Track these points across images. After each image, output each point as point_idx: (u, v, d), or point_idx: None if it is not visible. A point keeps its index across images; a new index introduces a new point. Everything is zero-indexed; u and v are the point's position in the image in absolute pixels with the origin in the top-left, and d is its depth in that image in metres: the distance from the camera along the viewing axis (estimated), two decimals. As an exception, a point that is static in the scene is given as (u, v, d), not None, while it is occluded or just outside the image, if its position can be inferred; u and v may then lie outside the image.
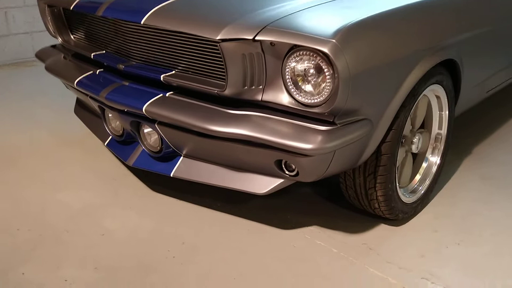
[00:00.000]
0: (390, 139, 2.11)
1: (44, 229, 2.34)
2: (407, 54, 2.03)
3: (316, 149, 1.79)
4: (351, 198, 2.35)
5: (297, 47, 1.80)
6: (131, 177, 2.78)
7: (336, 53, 1.71)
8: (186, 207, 2.53)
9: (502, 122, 3.61)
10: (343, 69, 1.73)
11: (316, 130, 1.83)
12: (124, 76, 2.31)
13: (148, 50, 2.18)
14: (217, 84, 1.99)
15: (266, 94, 1.94)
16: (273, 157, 1.97)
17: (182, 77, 2.07)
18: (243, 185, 2.15)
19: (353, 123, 1.90)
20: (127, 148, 2.49)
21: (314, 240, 2.29)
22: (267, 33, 1.82)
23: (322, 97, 1.82)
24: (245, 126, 1.91)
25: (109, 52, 2.42)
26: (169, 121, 2.07)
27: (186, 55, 2.05)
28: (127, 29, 2.20)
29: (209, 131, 1.96)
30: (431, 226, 2.41)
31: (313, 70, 1.82)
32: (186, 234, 2.32)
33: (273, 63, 1.88)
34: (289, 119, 1.89)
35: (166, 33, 2.06)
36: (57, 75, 2.61)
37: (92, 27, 2.49)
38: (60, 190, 2.66)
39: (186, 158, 2.30)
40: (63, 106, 3.83)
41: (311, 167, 1.94)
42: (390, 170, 2.17)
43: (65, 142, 3.23)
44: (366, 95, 1.90)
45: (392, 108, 2.04)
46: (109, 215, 2.45)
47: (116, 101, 2.18)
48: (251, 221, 2.43)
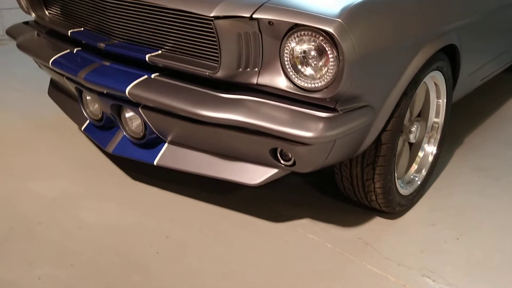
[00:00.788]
0: (390, 128, 1.98)
1: (15, 221, 2.15)
2: (412, 38, 1.90)
3: (317, 137, 1.65)
4: (346, 189, 2.23)
5: (298, 26, 1.65)
6: (110, 165, 2.60)
7: (342, 33, 1.57)
8: (169, 198, 2.37)
9: (489, 112, 3.54)
10: (349, 51, 1.59)
11: (316, 117, 1.69)
12: (104, 56, 2.13)
13: (132, 28, 2.00)
14: (208, 65, 1.83)
15: (262, 77, 1.78)
16: (268, 145, 1.82)
17: (169, 58, 1.90)
18: (234, 175, 2.00)
19: (355, 110, 1.76)
20: (106, 133, 2.31)
21: (307, 234, 2.16)
22: (266, 10, 1.67)
23: (324, 81, 1.67)
24: (238, 111, 1.76)
25: (88, 30, 2.22)
26: (154, 105, 1.90)
27: (175, 34, 1.88)
28: (108, 4, 2.01)
29: (199, 116, 1.80)
30: (428, 220, 2.31)
31: (314, 52, 1.67)
32: (170, 228, 2.16)
33: (271, 44, 1.73)
34: (287, 105, 1.75)
35: (153, 9, 1.89)
36: (30, 53, 2.40)
37: (69, 2, 2.29)
38: (32, 179, 2.47)
39: (171, 145, 2.14)
40: (34, 87, 3.60)
41: (309, 156, 1.80)
42: (390, 161, 2.04)
43: (37, 126, 3.02)
44: (369, 81, 1.77)
45: (394, 95, 1.92)
46: (86, 206, 2.28)
47: (96, 83, 2.00)
48: (239, 213, 2.29)
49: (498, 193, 2.53)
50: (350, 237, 2.16)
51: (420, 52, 1.95)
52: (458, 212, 2.37)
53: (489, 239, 2.19)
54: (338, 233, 2.18)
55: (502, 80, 3.95)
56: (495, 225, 2.28)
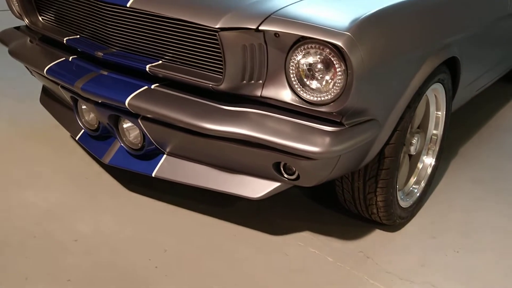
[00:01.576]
0: (394, 141, 1.96)
1: (8, 233, 2.09)
2: (417, 50, 1.88)
3: (324, 152, 1.62)
4: (347, 202, 2.20)
5: (304, 39, 1.62)
6: (104, 174, 2.54)
7: (351, 47, 1.54)
8: (166, 209, 2.32)
9: (483, 121, 3.54)
10: (358, 65, 1.56)
11: (323, 131, 1.66)
12: (101, 65, 2.08)
13: (132, 37, 1.95)
14: (212, 77, 1.78)
15: (266, 90, 1.75)
16: (271, 159, 1.79)
17: (171, 68, 1.86)
18: (235, 189, 1.96)
19: (361, 124, 1.73)
20: (102, 144, 2.26)
21: (308, 248, 2.13)
22: (272, 22, 1.64)
23: (331, 95, 1.65)
24: (242, 125, 1.72)
25: (84, 37, 2.17)
26: (155, 117, 1.85)
27: (177, 44, 1.84)
28: (107, 12, 1.96)
29: (202, 129, 1.75)
30: (428, 232, 2.29)
31: (321, 65, 1.64)
32: (167, 241, 2.11)
33: (276, 56, 1.69)
34: (292, 118, 1.71)
35: (154, 18, 1.84)
36: (24, 60, 2.34)
37: (64, 8, 2.23)
38: (24, 189, 2.40)
39: (170, 157, 2.10)
40: (23, 92, 3.52)
41: (314, 171, 1.77)
42: (392, 174, 2.02)
43: (27, 134, 2.94)
44: (376, 94, 1.74)
45: (399, 108, 1.90)
46: (81, 218, 2.22)
47: (94, 93, 1.95)
48: (238, 225, 2.25)
49: (496, 205, 2.52)
50: (351, 251, 2.13)
51: (424, 64, 1.94)
52: (457, 225, 2.35)
53: (489, 252, 2.18)
54: (339, 247, 2.15)
55: (493, 89, 3.96)
56: (495, 239, 2.27)
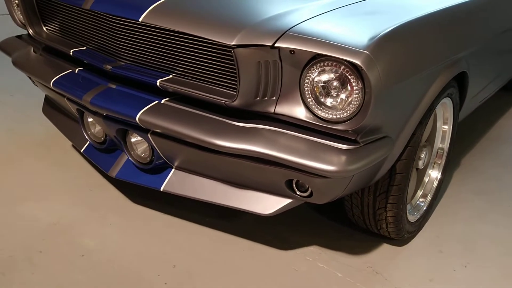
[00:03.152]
0: (405, 157, 1.95)
1: (14, 249, 2.05)
2: (431, 67, 1.87)
3: (340, 171, 1.60)
4: (355, 216, 2.19)
5: (320, 56, 1.61)
6: (107, 186, 2.51)
7: (369, 65, 1.53)
8: (171, 222, 2.30)
9: (483, 131, 3.55)
10: (376, 84, 1.55)
11: (338, 150, 1.65)
12: (109, 78, 2.05)
13: (142, 50, 1.93)
14: (225, 93, 1.76)
15: (280, 106, 1.73)
16: (284, 176, 1.77)
17: (182, 83, 1.83)
18: (245, 204, 1.94)
19: (376, 141, 1.72)
20: (108, 157, 2.23)
21: (316, 263, 2.12)
22: (288, 39, 1.62)
23: (347, 113, 1.63)
24: (255, 142, 1.70)
25: (91, 49, 2.14)
26: (166, 132, 1.83)
27: (190, 59, 1.81)
28: (117, 25, 1.94)
29: (214, 146, 1.73)
30: (435, 246, 2.28)
31: (337, 83, 1.63)
32: (175, 256, 2.09)
33: (291, 73, 1.68)
34: (306, 135, 1.70)
35: (166, 32, 1.82)
36: (28, 72, 2.30)
37: (69, 19, 2.20)
38: (27, 202, 2.36)
39: (178, 171, 2.07)
40: (21, 99, 3.47)
41: (328, 188, 1.75)
42: (403, 190, 2.01)
43: (27, 143, 2.90)
44: (391, 111, 1.73)
45: (412, 124, 1.89)
46: (87, 232, 2.19)
47: (104, 107, 1.92)
48: (245, 239, 2.23)
49: (501, 217, 2.52)
50: (359, 265, 2.12)
51: (437, 80, 1.93)
52: (463, 238, 2.35)
53: (496, 266, 2.18)
54: (347, 261, 2.14)
55: (492, 98, 3.97)
56: (501, 252, 2.27)
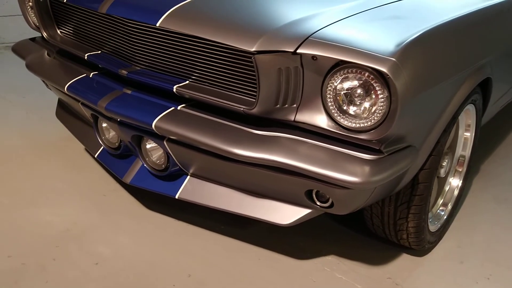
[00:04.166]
0: (429, 166, 1.89)
1: (27, 256, 2.01)
2: (457, 73, 1.82)
3: (364, 183, 1.55)
4: (375, 226, 2.13)
5: (344, 63, 1.55)
6: (122, 192, 2.47)
7: (396, 73, 1.47)
8: (185, 229, 2.25)
9: (502, 136, 3.47)
10: (403, 92, 1.49)
11: (361, 160, 1.59)
12: (124, 83, 2.00)
13: (158, 55, 1.88)
14: (244, 100, 1.71)
15: (301, 114, 1.68)
16: (304, 186, 1.72)
17: (199, 90, 1.79)
18: (262, 214, 1.89)
19: (400, 151, 1.66)
20: (123, 162, 2.18)
21: (335, 274, 2.06)
22: (310, 45, 1.57)
23: (371, 121, 1.58)
24: (275, 151, 1.65)
25: (106, 53, 2.10)
26: (183, 140, 1.78)
27: (207, 65, 1.76)
28: (133, 30, 1.89)
29: (232, 154, 1.68)
30: (456, 257, 2.22)
31: (361, 90, 1.57)
32: (190, 264, 2.04)
33: (312, 80, 1.62)
34: (328, 144, 1.64)
35: (184, 37, 1.77)
36: (42, 76, 2.26)
37: (84, 22, 2.16)
38: (39, 207, 2.33)
39: (194, 178, 2.02)
40: (33, 101, 3.44)
41: (349, 199, 1.70)
42: (426, 200, 1.95)
43: (41, 148, 2.86)
44: (416, 120, 1.68)
45: (436, 132, 1.83)
46: (100, 239, 2.15)
47: (119, 113, 1.87)
48: (261, 248, 2.18)
49: (523, 227, 2.46)
50: (379, 277, 2.06)
51: (462, 87, 1.87)
52: (484, 247, 2.28)
53: (521, 279, 2.12)
54: (366, 272, 2.08)
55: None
56: (525, 264, 2.21)
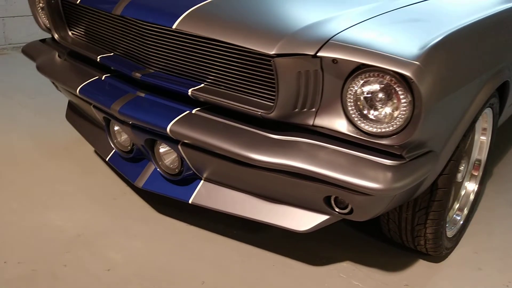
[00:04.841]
0: (448, 172, 1.86)
1: (37, 262, 1.98)
2: (478, 77, 1.78)
3: (386, 189, 1.51)
4: (391, 232, 2.09)
5: (365, 66, 1.52)
6: (133, 196, 2.43)
7: (421, 77, 1.44)
8: (198, 235, 2.22)
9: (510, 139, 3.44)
10: (427, 97, 1.46)
11: (383, 166, 1.55)
12: (138, 85, 1.97)
13: (172, 58, 1.85)
14: (261, 104, 1.68)
15: (320, 119, 1.65)
16: (323, 192, 1.68)
17: (215, 94, 1.75)
18: (278, 220, 1.85)
19: (421, 157, 1.63)
20: (135, 166, 2.15)
21: (351, 280, 2.02)
22: (331, 48, 1.53)
23: (393, 126, 1.54)
24: (294, 156, 1.61)
25: (119, 56, 2.06)
26: (199, 145, 1.75)
27: (224, 68, 1.73)
28: (147, 32, 1.85)
29: (250, 160, 1.65)
30: (474, 263, 2.18)
31: (383, 94, 1.54)
32: (203, 270, 2.01)
33: (332, 83, 1.59)
34: (347, 149, 1.61)
35: (200, 40, 1.73)
36: (53, 78, 2.23)
37: (96, 24, 2.13)
38: (50, 212, 2.29)
39: (207, 182, 1.99)
40: (41, 102, 3.41)
41: (370, 206, 1.66)
42: (445, 206, 1.92)
43: (50, 150, 2.83)
44: (437, 125, 1.64)
45: (456, 136, 1.80)
46: (112, 244, 2.11)
47: (133, 117, 1.84)
48: (274, 254, 2.14)
49: (541, 233, 2.42)
50: (396, 284, 2.02)
51: (481, 91, 1.84)
52: (502, 254, 2.25)
53: (541, 286, 2.08)
54: (383, 279, 2.04)
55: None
56: (543, 270, 2.17)
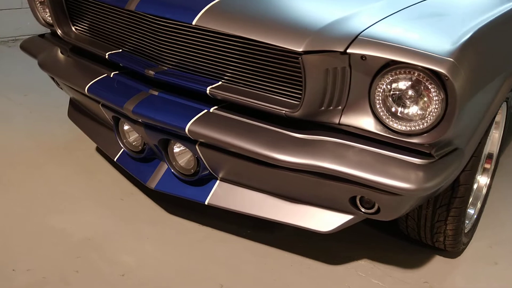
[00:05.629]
0: (470, 168, 1.83)
1: (47, 268, 1.90)
2: (502, 72, 1.75)
3: (418, 189, 1.47)
4: (409, 228, 2.06)
5: (394, 63, 1.47)
6: (140, 195, 2.36)
7: (456, 74, 1.40)
8: (210, 234, 2.16)
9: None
10: (462, 94, 1.42)
11: (413, 165, 1.52)
12: (149, 83, 1.90)
13: (189, 55, 1.78)
14: (286, 103, 1.62)
15: (346, 117, 1.60)
16: (349, 192, 1.64)
17: (235, 92, 1.69)
18: (300, 221, 1.81)
19: (449, 154, 1.60)
20: (146, 166, 2.08)
21: (370, 279, 1.99)
22: (360, 44, 1.48)
23: (424, 125, 1.50)
24: (322, 157, 1.57)
25: (128, 52, 1.99)
26: (220, 145, 1.69)
27: (245, 66, 1.67)
28: (162, 28, 1.78)
29: (274, 160, 1.60)
30: (490, 257, 2.17)
31: (413, 92, 1.50)
32: (220, 273, 1.96)
33: (360, 80, 1.54)
34: (375, 148, 1.56)
35: (219, 36, 1.67)
36: (58, 76, 2.14)
37: (104, 19, 2.04)
38: (55, 215, 2.21)
39: (224, 182, 1.93)
40: (36, 99, 3.30)
41: (398, 205, 1.63)
42: (466, 202, 1.89)
43: (50, 150, 2.73)
44: (465, 121, 1.60)
45: (479, 132, 1.77)
46: (123, 247, 2.05)
47: (149, 117, 1.77)
48: (290, 253, 2.10)
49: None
50: (415, 281, 2.00)
51: (503, 85, 1.81)
52: (515, 248, 2.24)
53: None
54: (402, 276, 2.02)
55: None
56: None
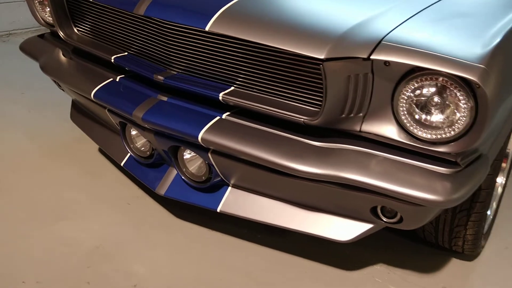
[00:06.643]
0: (491, 172, 1.77)
1: (57, 281, 1.84)
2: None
3: (446, 201, 1.42)
4: (426, 232, 2.01)
5: (419, 69, 1.41)
6: (147, 199, 2.30)
7: (487, 82, 1.33)
8: (221, 240, 2.10)
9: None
10: (493, 101, 1.36)
11: (439, 175, 1.46)
12: (157, 88, 1.82)
13: (200, 60, 1.70)
14: (305, 110, 1.56)
15: (367, 124, 1.54)
16: (371, 202, 1.58)
17: (249, 98, 1.62)
18: (319, 230, 1.75)
19: (474, 162, 1.54)
20: (154, 172, 2.01)
21: (387, 285, 1.94)
22: (384, 50, 1.42)
23: (451, 133, 1.44)
24: (344, 167, 1.50)
25: (134, 55, 1.91)
26: (235, 154, 1.62)
27: (260, 72, 1.60)
28: (172, 32, 1.70)
29: (293, 171, 1.54)
30: (507, 259, 2.12)
31: (439, 99, 1.43)
32: (233, 280, 1.90)
33: (383, 87, 1.48)
34: (399, 157, 1.50)
35: (233, 41, 1.59)
36: (62, 80, 2.06)
37: (108, 21, 1.96)
38: (61, 222, 2.14)
39: (236, 189, 1.87)
40: (34, 99, 3.22)
41: (421, 214, 1.57)
42: (487, 207, 1.84)
43: (52, 151, 2.66)
44: (492, 128, 1.54)
45: (502, 136, 1.72)
46: (134, 256, 1.99)
47: (159, 125, 1.70)
48: (303, 258, 2.04)
49: None
50: (433, 286, 1.95)
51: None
52: (532, 248, 2.20)
53: None
54: (419, 281, 1.97)
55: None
56: None
